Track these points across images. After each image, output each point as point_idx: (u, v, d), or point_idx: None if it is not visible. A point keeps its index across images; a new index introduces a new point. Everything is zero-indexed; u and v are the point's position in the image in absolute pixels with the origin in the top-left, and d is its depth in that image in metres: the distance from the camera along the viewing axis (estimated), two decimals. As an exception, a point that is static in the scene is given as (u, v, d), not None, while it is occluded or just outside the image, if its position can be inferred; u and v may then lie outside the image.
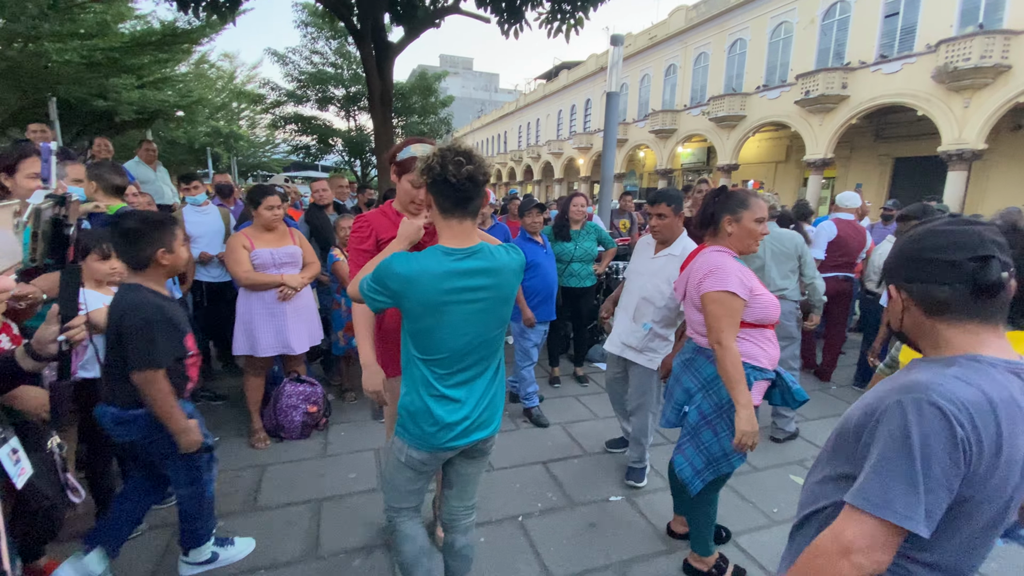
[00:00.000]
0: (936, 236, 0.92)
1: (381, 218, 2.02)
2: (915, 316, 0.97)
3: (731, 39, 20.99)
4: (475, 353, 1.52)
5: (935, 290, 0.92)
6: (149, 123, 15.45)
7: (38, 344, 1.21)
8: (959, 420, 0.81)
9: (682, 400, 2.08)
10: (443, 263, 1.41)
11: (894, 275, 0.99)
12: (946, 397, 0.82)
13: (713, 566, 2.16)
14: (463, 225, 1.46)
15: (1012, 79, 12.74)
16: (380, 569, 2.19)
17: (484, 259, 1.46)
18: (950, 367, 0.88)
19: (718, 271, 1.88)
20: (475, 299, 1.45)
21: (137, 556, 2.23)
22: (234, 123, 26.92)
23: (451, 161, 1.36)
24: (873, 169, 18.28)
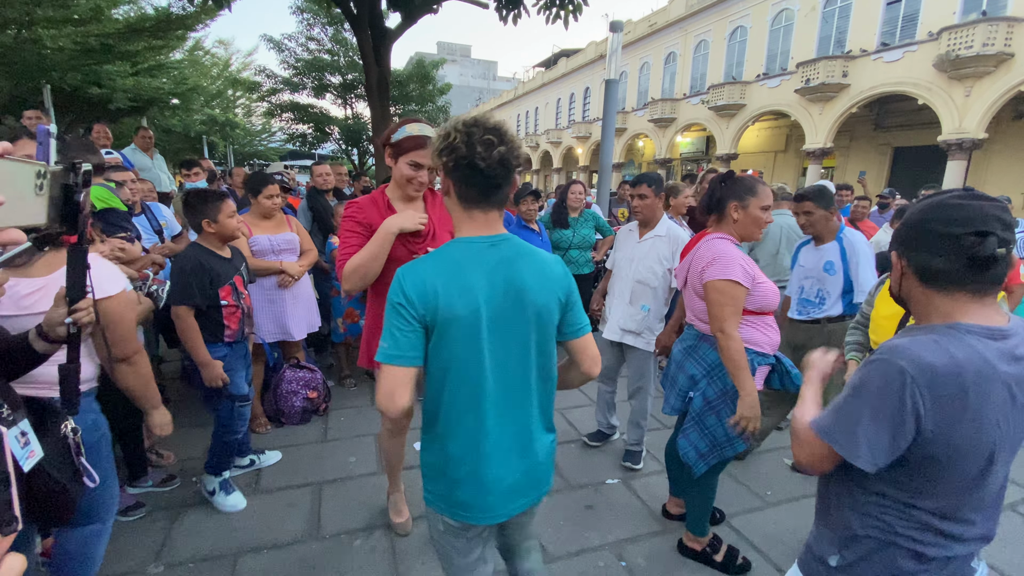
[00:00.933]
0: (942, 209, 0.96)
1: (372, 205, 1.94)
2: (911, 283, 1.02)
3: (731, 26, 20.81)
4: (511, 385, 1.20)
5: (931, 260, 0.96)
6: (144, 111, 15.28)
7: (48, 326, 1.21)
8: (916, 382, 0.90)
9: (686, 387, 2.08)
10: (469, 252, 1.15)
11: (897, 242, 1.04)
12: (910, 359, 0.91)
13: (707, 545, 2.20)
14: (488, 216, 1.18)
15: (1015, 67, 12.68)
16: (381, 549, 2.23)
17: (513, 250, 1.19)
18: (929, 334, 0.95)
19: (722, 259, 1.88)
20: (506, 302, 1.15)
21: (140, 537, 2.26)
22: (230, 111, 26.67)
23: (479, 140, 1.08)
24: (873, 159, 18.24)
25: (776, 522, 2.52)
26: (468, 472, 1.19)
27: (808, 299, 2.85)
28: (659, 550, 2.29)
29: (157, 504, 2.48)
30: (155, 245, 3.11)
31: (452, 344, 1.12)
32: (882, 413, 0.93)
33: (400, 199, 1.99)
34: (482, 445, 1.18)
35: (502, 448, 1.19)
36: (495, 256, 1.16)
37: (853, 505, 1.06)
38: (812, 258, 2.84)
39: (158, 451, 2.85)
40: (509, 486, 1.22)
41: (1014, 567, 2.25)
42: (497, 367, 1.16)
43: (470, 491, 1.20)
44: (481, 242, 1.17)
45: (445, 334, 1.12)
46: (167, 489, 2.60)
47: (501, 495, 1.21)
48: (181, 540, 2.25)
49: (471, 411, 1.17)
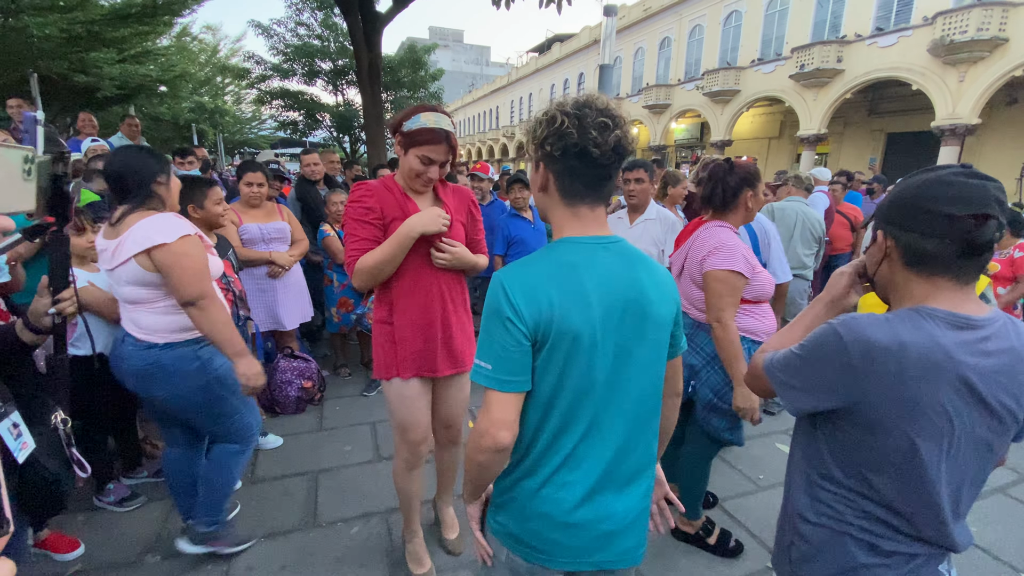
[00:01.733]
0: (941, 186, 0.86)
1: (385, 192, 1.72)
2: (894, 265, 0.95)
3: (727, 11, 20.62)
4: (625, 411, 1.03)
5: (923, 241, 0.88)
6: (131, 99, 15.03)
7: (33, 316, 1.22)
8: (850, 350, 0.89)
9: (686, 376, 2.03)
10: (579, 254, 0.97)
11: (884, 219, 0.95)
12: (850, 329, 0.90)
13: (700, 529, 2.23)
14: (595, 213, 1.00)
15: (1009, 52, 12.67)
16: (379, 535, 2.25)
17: (625, 253, 1.02)
18: (894, 315, 0.91)
19: (724, 249, 1.85)
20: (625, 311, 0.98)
21: (137, 527, 2.27)
22: (219, 98, 26.26)
23: (594, 124, 0.91)
24: (866, 145, 18.25)
25: (768, 505, 2.56)
26: (560, 513, 1.00)
27: None
28: (651, 534, 2.32)
29: (153, 495, 2.48)
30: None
31: (564, 364, 0.95)
32: (811, 368, 0.95)
33: (412, 189, 1.77)
34: (584, 480, 1.00)
35: (603, 485, 1.01)
36: (609, 260, 0.98)
37: (808, 490, 1.04)
38: None
39: (152, 442, 2.85)
40: (606, 531, 1.02)
41: (1004, 550, 2.30)
42: (611, 392, 0.99)
43: (557, 531, 1.00)
44: (593, 243, 0.99)
45: (555, 352, 0.94)
46: (162, 479, 2.60)
47: (594, 539, 1.02)
48: (178, 530, 2.25)
49: (575, 441, 0.99)
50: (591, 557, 1.03)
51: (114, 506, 2.36)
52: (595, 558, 1.03)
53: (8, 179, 0.59)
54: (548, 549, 1.02)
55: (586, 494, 1.00)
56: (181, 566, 2.06)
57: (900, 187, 0.94)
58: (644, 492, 1.08)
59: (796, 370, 0.98)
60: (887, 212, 0.95)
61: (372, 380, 3.74)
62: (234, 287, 2.51)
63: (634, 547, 1.07)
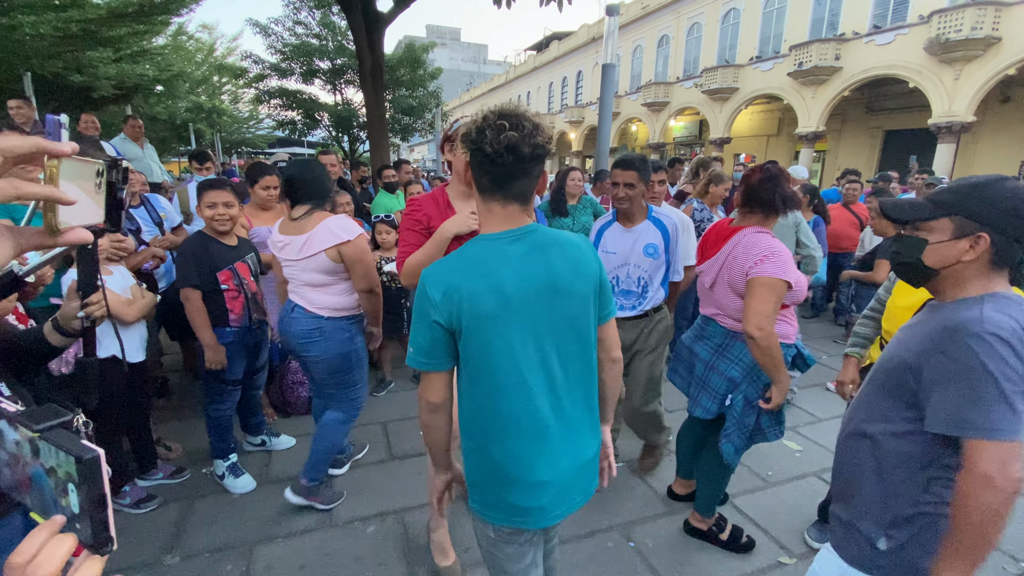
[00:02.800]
0: None
1: (432, 204, 1.89)
2: (977, 262, 1.06)
3: (725, 9, 20.64)
4: (553, 381, 1.16)
5: (1013, 244, 1.04)
6: (128, 98, 14.95)
7: (63, 319, 1.23)
8: (1010, 342, 0.97)
9: (725, 389, 2.02)
10: (491, 249, 1.12)
11: (979, 219, 1.04)
12: (997, 326, 0.98)
13: (713, 525, 2.26)
14: (507, 210, 1.13)
15: (1002, 51, 12.74)
16: (394, 534, 2.28)
17: (537, 240, 1.13)
18: (982, 304, 1.03)
19: (777, 256, 1.81)
20: (535, 294, 1.11)
21: (155, 529, 2.29)
22: (216, 98, 26.14)
23: (490, 125, 1.05)
24: (864, 142, 18.32)
25: (777, 501, 2.59)
26: (518, 475, 1.14)
27: (629, 290, 2.42)
28: (666, 531, 2.36)
29: (169, 496, 2.50)
30: (155, 238, 3.08)
31: (485, 346, 1.09)
32: (1013, 377, 0.98)
33: (459, 196, 1.91)
34: (531, 446, 1.14)
35: (552, 447, 1.16)
36: (520, 249, 1.12)
37: (920, 483, 1.10)
38: (624, 242, 2.39)
39: (166, 444, 2.86)
40: (561, 485, 1.18)
41: (1004, 539, 2.34)
42: (537, 364, 1.12)
43: (522, 495, 1.16)
44: (502, 239, 1.12)
45: (475, 336, 1.09)
46: (178, 481, 2.62)
47: (555, 496, 1.17)
48: (195, 531, 2.28)
49: (514, 412, 1.13)
50: (557, 510, 1.19)
51: (130, 508, 2.38)
52: (560, 510, 1.20)
53: (83, 193, 0.61)
54: (522, 511, 1.17)
55: (540, 457, 1.14)
56: (200, 566, 2.09)
57: (998, 194, 1.04)
58: (590, 446, 1.23)
59: (1000, 399, 0.98)
60: (990, 216, 1.04)
61: (382, 380, 3.76)
62: (247, 289, 2.53)
63: (586, 498, 1.25)
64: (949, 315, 1.06)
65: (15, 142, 0.54)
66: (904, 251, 1.15)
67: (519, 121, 1.06)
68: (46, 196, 0.55)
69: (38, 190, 0.54)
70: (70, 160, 0.56)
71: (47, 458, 0.49)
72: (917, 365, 1.08)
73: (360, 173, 6.05)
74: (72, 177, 0.57)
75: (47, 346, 1.32)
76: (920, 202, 1.13)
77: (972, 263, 1.06)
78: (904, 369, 1.11)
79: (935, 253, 1.09)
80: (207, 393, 2.54)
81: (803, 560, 2.21)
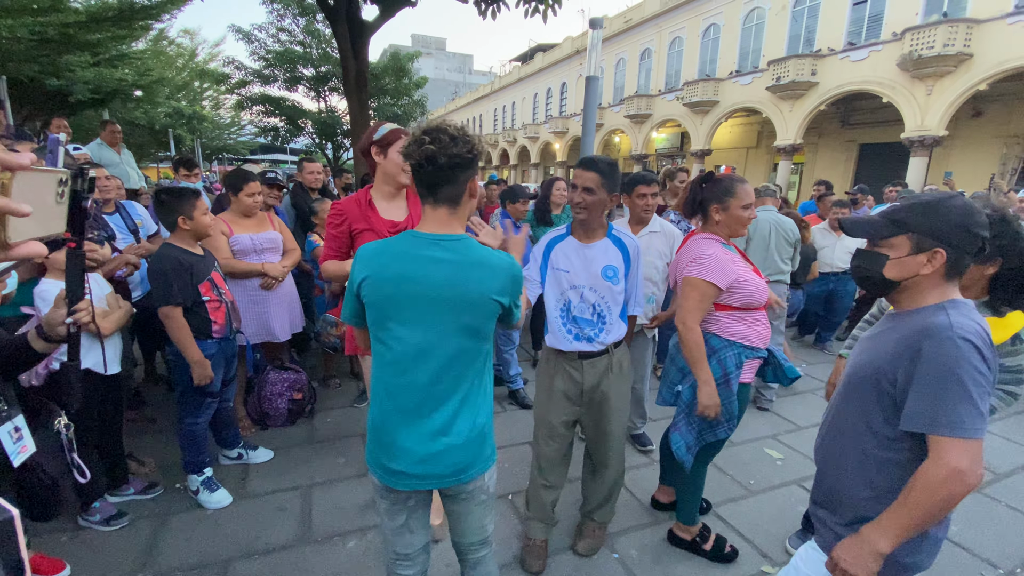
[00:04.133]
0: (977, 214, 1.14)
1: (354, 207, 2.06)
2: (934, 274, 1.16)
3: (705, 24, 21.10)
4: (429, 367, 1.29)
5: (965, 258, 1.15)
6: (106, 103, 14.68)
7: (48, 326, 1.26)
8: (977, 345, 1.06)
9: (676, 379, 2.14)
10: (404, 245, 1.29)
11: (936, 238, 1.15)
12: (967, 329, 1.08)
13: (697, 535, 2.26)
14: (437, 212, 1.30)
15: (973, 67, 13.20)
16: (375, 550, 2.23)
17: (451, 251, 1.27)
18: (945, 311, 1.13)
19: (703, 259, 1.94)
20: (427, 293, 1.25)
21: (125, 546, 2.20)
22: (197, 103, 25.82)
23: (415, 140, 1.23)
24: (839, 155, 18.80)
25: (760, 510, 2.61)
26: (388, 437, 1.32)
27: (583, 318, 2.00)
28: (650, 541, 2.35)
29: (140, 513, 2.41)
30: (131, 245, 3.01)
31: (381, 321, 1.30)
32: (980, 379, 1.07)
33: (384, 196, 2.12)
34: (401, 416, 1.31)
35: (420, 423, 1.31)
36: (434, 253, 1.27)
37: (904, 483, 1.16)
38: (579, 260, 2.00)
39: (138, 458, 2.77)
40: (421, 458, 1.31)
41: (983, 547, 2.38)
42: (417, 351, 1.28)
43: (387, 455, 1.33)
44: (425, 237, 1.29)
45: (377, 311, 1.29)
46: (150, 496, 2.54)
47: (411, 464, 1.32)
48: (168, 548, 2.20)
49: (395, 385, 1.31)
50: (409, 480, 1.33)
51: (100, 525, 2.29)
52: (412, 481, 1.33)
53: (43, 203, 0.59)
54: (385, 469, 1.34)
55: (407, 427, 1.31)
56: (173, 586, 2.01)
57: (949, 210, 1.14)
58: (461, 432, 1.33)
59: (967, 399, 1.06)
60: (942, 232, 1.14)
61: (363, 391, 3.71)
62: (225, 298, 2.48)
63: (455, 480, 1.35)
64: (918, 321, 1.15)
65: None
66: (866, 265, 1.26)
67: (438, 135, 1.21)
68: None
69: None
70: (27, 172, 0.54)
71: None
72: (892, 370, 1.16)
73: (343, 180, 6.01)
74: (28, 189, 0.55)
75: (31, 351, 1.32)
76: (879, 220, 1.24)
77: (929, 276, 1.16)
78: (880, 375, 1.19)
79: (895, 267, 1.20)
80: (183, 406, 2.47)
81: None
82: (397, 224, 2.10)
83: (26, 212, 0.52)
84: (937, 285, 1.17)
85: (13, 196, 0.53)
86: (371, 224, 2.05)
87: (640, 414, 3.22)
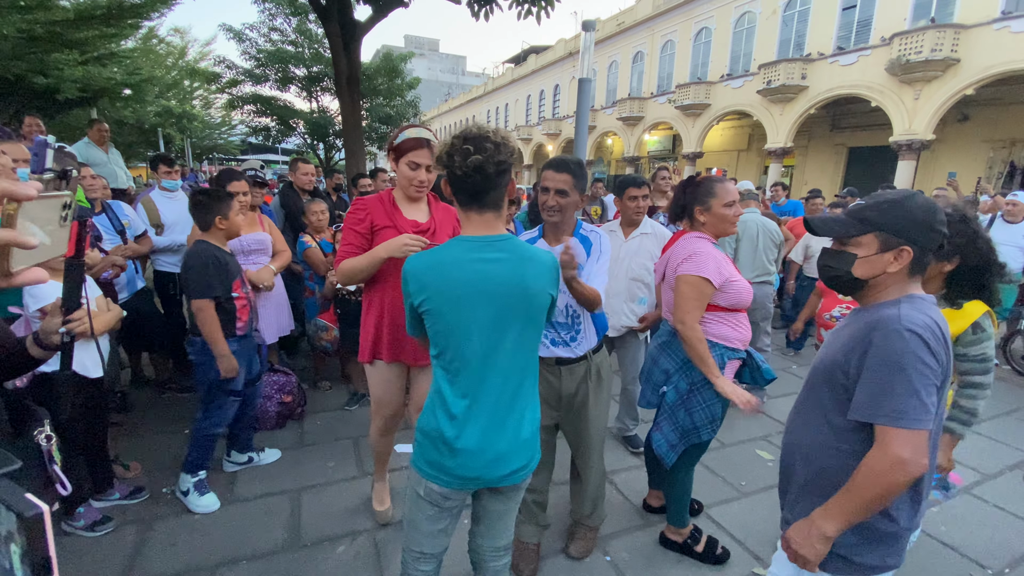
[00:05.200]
0: (938, 212, 1.16)
1: (378, 204, 2.04)
2: (899, 271, 1.18)
3: (697, 27, 21.25)
4: (501, 365, 1.31)
5: (927, 254, 1.17)
6: (94, 102, 14.50)
7: (43, 334, 1.25)
8: (924, 337, 1.08)
9: (660, 381, 2.12)
10: (457, 252, 1.29)
11: (903, 236, 1.16)
12: (915, 322, 1.09)
13: (688, 537, 2.26)
14: (484, 217, 1.31)
15: (960, 72, 13.40)
16: (366, 554, 2.20)
17: (506, 250, 1.30)
18: (900, 305, 1.15)
19: (697, 256, 1.94)
20: (493, 291, 1.27)
21: (110, 553, 2.16)
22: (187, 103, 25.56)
23: (457, 151, 1.23)
24: (829, 158, 19.00)
25: (751, 511, 2.61)
26: (458, 440, 1.30)
27: (557, 321, 1.98)
28: (641, 543, 2.34)
29: (125, 518, 2.37)
30: (118, 246, 2.97)
31: (449, 328, 1.28)
32: (925, 370, 1.08)
33: (405, 198, 2.08)
34: (475, 417, 1.31)
35: (495, 422, 1.32)
36: (491, 254, 1.29)
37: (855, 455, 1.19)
38: None
39: (123, 462, 2.73)
40: (494, 456, 1.33)
41: (970, 547, 2.40)
42: (487, 351, 1.29)
43: (455, 458, 1.31)
44: (478, 240, 1.30)
45: (439, 319, 1.28)
46: (135, 501, 2.49)
47: (481, 465, 1.32)
48: (154, 554, 2.17)
49: (466, 388, 1.31)
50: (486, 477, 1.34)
51: (84, 531, 2.25)
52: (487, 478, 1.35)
53: (50, 230, 0.58)
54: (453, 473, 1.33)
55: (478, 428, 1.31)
56: (158, 592, 1.98)
57: (911, 209, 1.16)
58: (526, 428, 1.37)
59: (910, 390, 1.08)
60: (908, 230, 1.16)
61: (354, 393, 3.68)
62: (250, 296, 2.58)
63: (519, 476, 1.38)
64: (873, 315, 1.18)
65: None
66: (834, 265, 1.27)
67: (482, 143, 1.23)
68: (6, 242, 0.52)
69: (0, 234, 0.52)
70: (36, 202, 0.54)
71: None
72: (845, 362, 1.19)
73: (335, 181, 5.97)
74: (33, 216, 0.54)
75: (28, 357, 1.31)
76: (846, 219, 1.24)
77: (894, 273, 1.18)
78: (835, 367, 1.22)
79: (863, 266, 1.21)
80: (206, 405, 2.46)
81: (776, 571, 2.22)
82: (420, 225, 2.05)
83: (33, 244, 0.52)
84: (899, 281, 1.19)
85: (19, 224, 0.52)
86: (395, 222, 2.01)
87: (632, 416, 3.21)
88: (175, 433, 3.13)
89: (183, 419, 3.25)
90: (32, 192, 0.53)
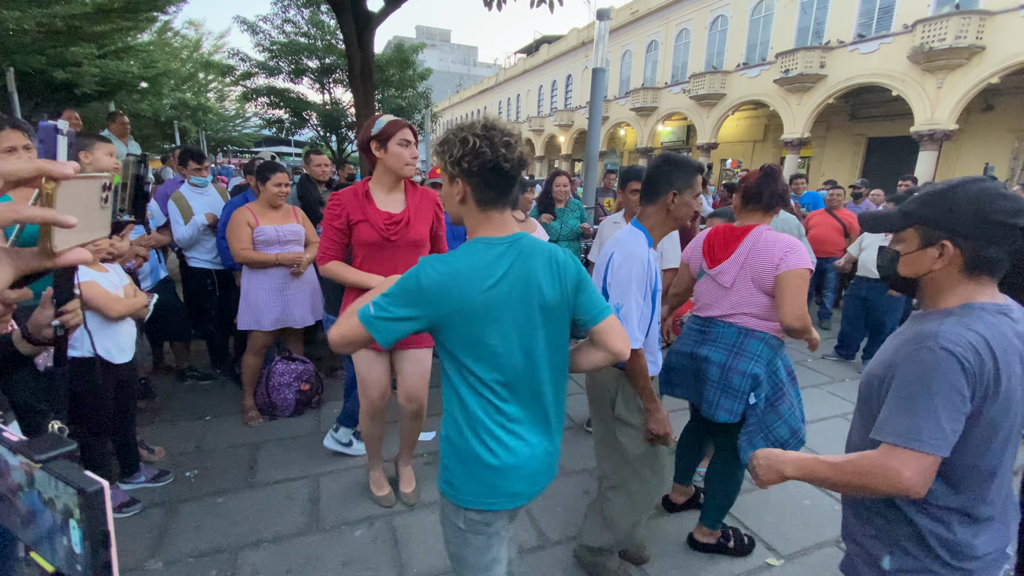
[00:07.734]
0: (1005, 200, 0.98)
1: (352, 198, 2.07)
2: (950, 269, 1.04)
3: (713, 15, 20.89)
4: (538, 368, 1.23)
5: (988, 248, 1.00)
6: (112, 95, 14.70)
7: (34, 328, 1.17)
8: (965, 357, 0.95)
9: (748, 388, 1.94)
10: (477, 257, 1.17)
11: (947, 229, 1.02)
12: (952, 340, 0.96)
13: (721, 536, 2.23)
14: (504, 215, 1.22)
15: (985, 60, 13.04)
16: (383, 538, 2.25)
17: (523, 246, 1.21)
18: (949, 316, 1.02)
19: (797, 248, 1.86)
20: (520, 292, 1.18)
21: (137, 533, 2.24)
22: (202, 95, 25.78)
23: (501, 143, 1.12)
24: (847, 148, 18.64)
25: (763, 502, 2.61)
26: (502, 458, 1.21)
27: None
28: (652, 533, 2.36)
29: (151, 500, 2.44)
30: (141, 236, 3.03)
31: (476, 340, 1.17)
32: (950, 394, 0.96)
33: (382, 189, 2.12)
34: (517, 429, 1.23)
35: (537, 430, 1.26)
36: (511, 251, 1.19)
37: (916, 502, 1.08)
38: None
39: (149, 446, 2.80)
40: (535, 469, 1.26)
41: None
42: (519, 357, 1.20)
43: (501, 477, 1.22)
44: (495, 241, 1.20)
45: (464, 328, 1.16)
46: (160, 484, 2.57)
47: (528, 477, 1.25)
48: (179, 535, 2.23)
49: (497, 399, 1.21)
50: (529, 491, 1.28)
51: (113, 512, 2.32)
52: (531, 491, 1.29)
53: (87, 210, 0.59)
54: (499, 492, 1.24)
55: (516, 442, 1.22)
56: (184, 572, 2.04)
57: (960, 199, 1.01)
58: (557, 436, 1.32)
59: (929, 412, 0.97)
60: (951, 222, 1.02)
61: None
62: None
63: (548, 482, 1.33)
64: (919, 324, 1.06)
65: (16, 165, 0.52)
66: (883, 263, 1.17)
67: (517, 137, 1.15)
68: (45, 220, 0.53)
69: (38, 213, 0.52)
70: (74, 181, 0.54)
71: (46, 488, 0.46)
72: (882, 376, 1.09)
73: (347, 171, 6.00)
74: (73, 196, 0.55)
75: (15, 354, 1.26)
76: (891, 214, 1.14)
77: (944, 271, 1.04)
78: (877, 381, 1.12)
79: (907, 263, 1.10)
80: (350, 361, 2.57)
81: (790, 561, 2.23)
82: (393, 216, 2.10)
83: (71, 223, 0.53)
84: (958, 283, 1.04)
85: (58, 205, 0.53)
86: (367, 215, 2.07)
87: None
88: (197, 419, 3.21)
89: (205, 407, 3.34)
90: (69, 171, 0.53)
